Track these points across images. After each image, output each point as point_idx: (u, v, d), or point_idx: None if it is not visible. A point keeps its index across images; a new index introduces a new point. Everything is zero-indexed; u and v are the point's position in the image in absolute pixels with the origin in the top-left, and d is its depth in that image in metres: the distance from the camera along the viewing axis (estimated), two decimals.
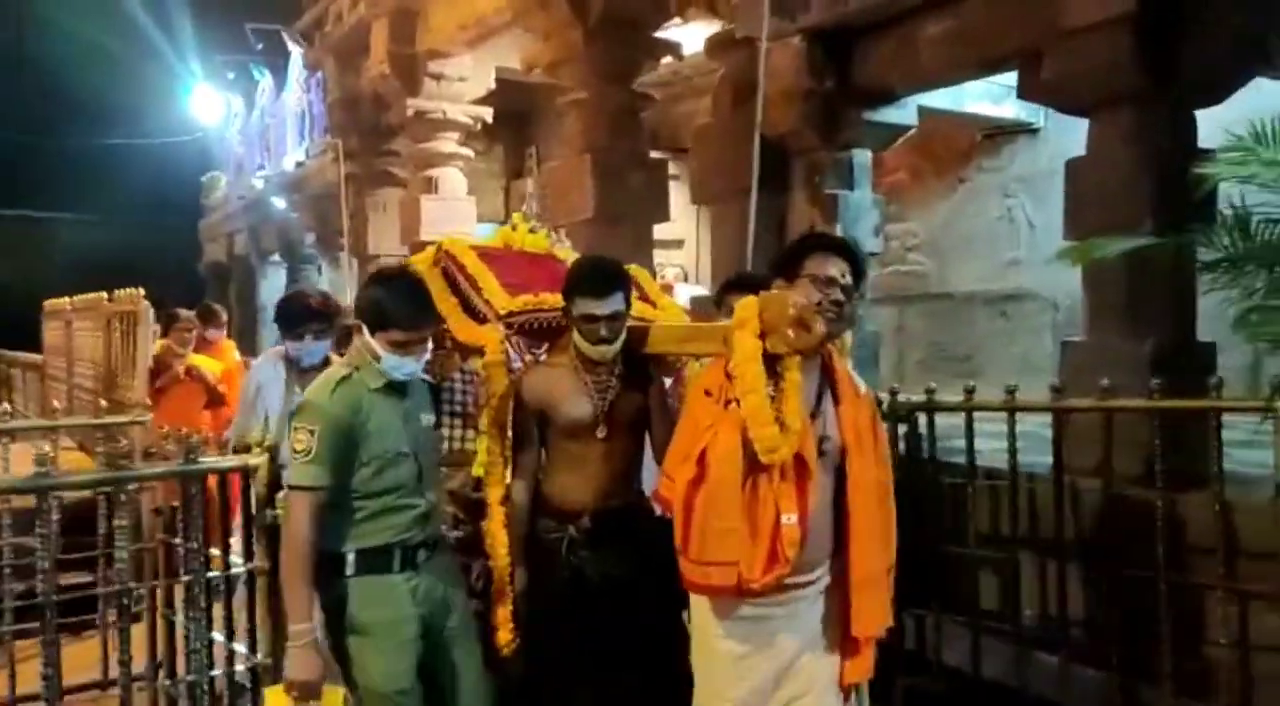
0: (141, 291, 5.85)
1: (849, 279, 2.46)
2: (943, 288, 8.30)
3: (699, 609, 2.51)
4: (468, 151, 10.90)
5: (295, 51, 13.93)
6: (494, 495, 3.00)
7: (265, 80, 16.49)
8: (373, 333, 2.70)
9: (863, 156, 5.73)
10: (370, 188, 11.92)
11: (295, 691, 2.59)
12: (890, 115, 5.63)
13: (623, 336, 2.90)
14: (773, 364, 2.37)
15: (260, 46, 15.74)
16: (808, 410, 2.40)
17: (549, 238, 3.72)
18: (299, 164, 14.58)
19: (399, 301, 2.70)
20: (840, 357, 2.70)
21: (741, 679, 2.43)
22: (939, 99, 5.98)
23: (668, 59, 7.73)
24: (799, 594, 2.43)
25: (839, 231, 5.53)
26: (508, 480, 2.99)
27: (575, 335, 2.88)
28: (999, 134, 8.04)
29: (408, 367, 2.75)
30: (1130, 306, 4.02)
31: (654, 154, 7.96)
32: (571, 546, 2.88)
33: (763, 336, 2.37)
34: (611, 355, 2.90)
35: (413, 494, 2.74)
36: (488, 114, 10.70)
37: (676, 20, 7.23)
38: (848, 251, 2.52)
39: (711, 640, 2.47)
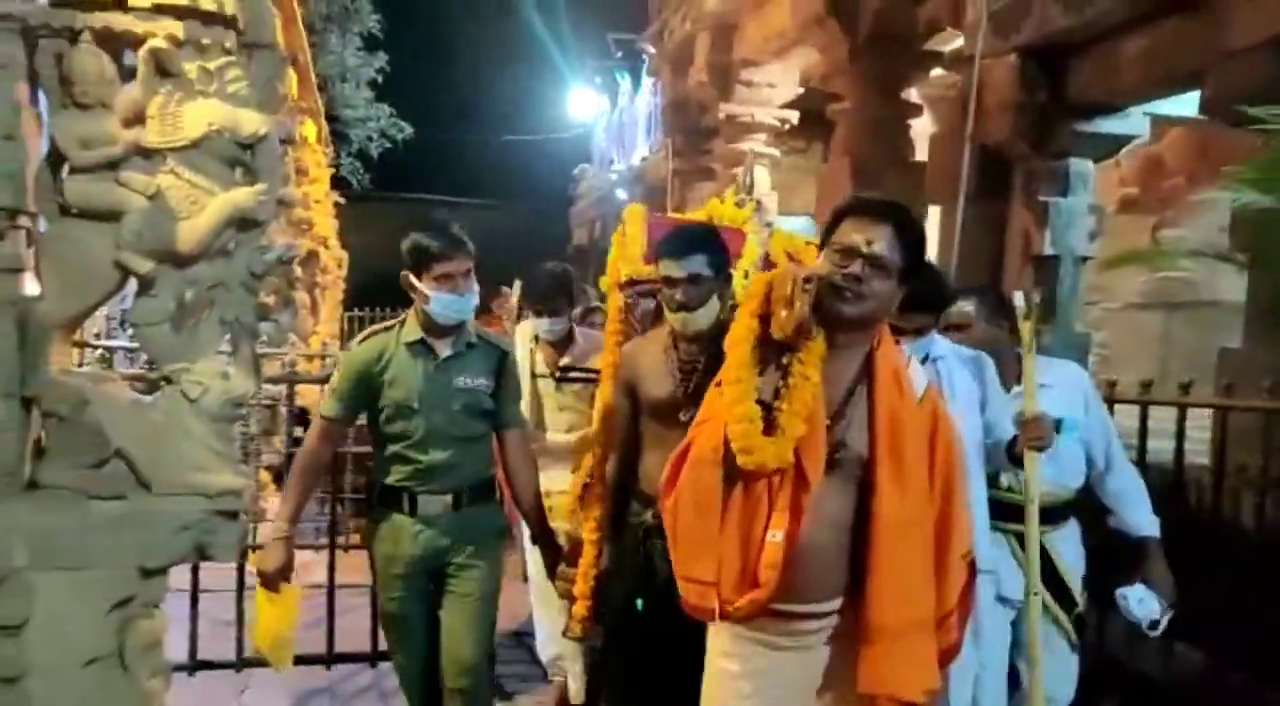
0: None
1: (881, 249, 1.99)
2: (1213, 295, 7.98)
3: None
4: (774, 151, 11.87)
5: (646, 58, 15.70)
6: (595, 470, 3.03)
7: (625, 83, 18.56)
8: (419, 276, 2.73)
9: (1081, 165, 5.98)
10: (693, 182, 13.32)
11: (259, 579, 2.81)
12: (1110, 125, 5.84)
13: (714, 308, 2.66)
14: (785, 351, 2.01)
15: (619, 54, 17.76)
16: (828, 411, 2.02)
17: (754, 213, 3.44)
18: (643, 159, 16.41)
19: (433, 236, 2.76)
20: (1028, 355, 2.66)
21: (739, 702, 2.10)
22: (1174, 107, 6.03)
23: (937, 70, 8.19)
24: (803, 626, 2.08)
25: (1049, 237, 5.88)
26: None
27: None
28: None
29: (457, 305, 2.75)
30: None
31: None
32: (647, 533, 2.73)
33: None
34: (694, 327, 2.66)
35: (418, 447, 2.78)
36: (794, 117, 11.60)
37: (949, 33, 7.71)
38: (889, 216, 2.02)
39: (715, 656, 2.17)
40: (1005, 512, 2.92)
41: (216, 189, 2.58)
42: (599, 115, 21.48)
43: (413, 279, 2.77)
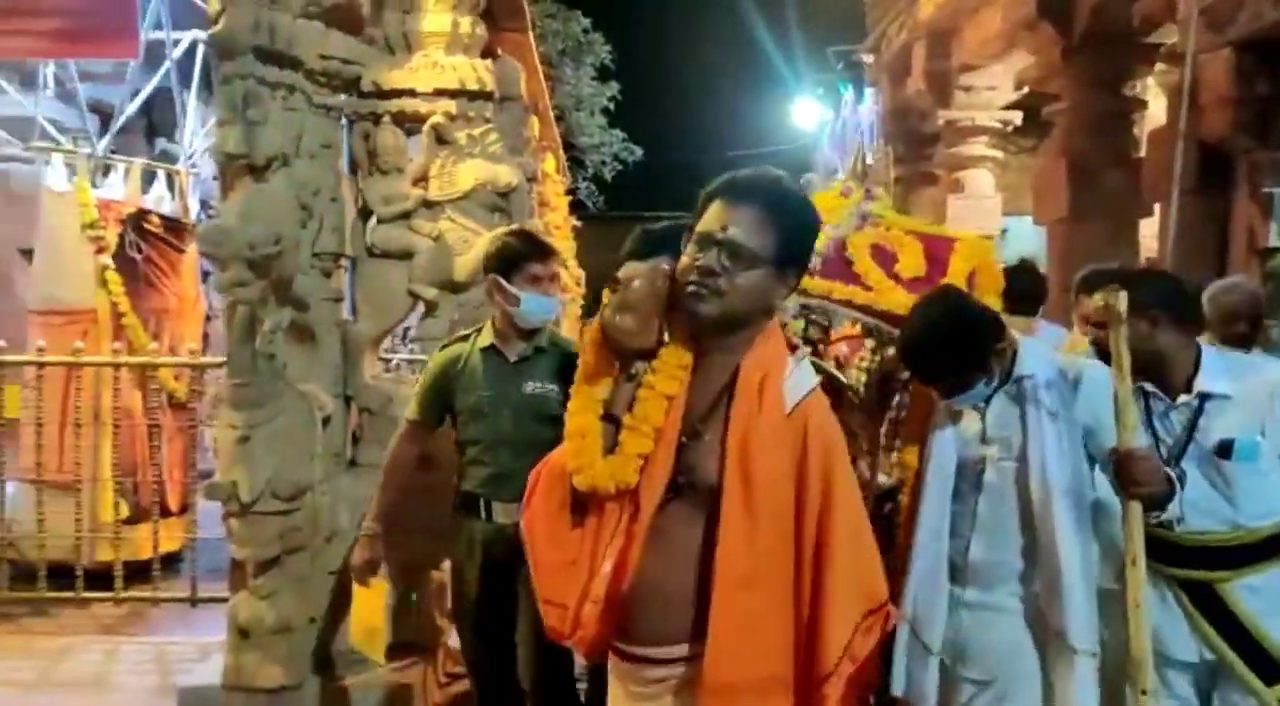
0: None
1: (739, 234, 1.66)
2: None
3: None
4: (997, 153, 11.75)
5: (865, 69, 15.85)
6: None
7: (847, 94, 18.70)
8: (509, 278, 2.71)
9: None
10: (916, 188, 13.37)
11: (353, 572, 2.90)
12: None
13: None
14: (641, 359, 1.79)
15: (840, 66, 17.95)
16: (686, 427, 1.73)
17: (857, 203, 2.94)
18: (866, 167, 16.52)
19: (522, 239, 2.80)
20: (1121, 378, 2.08)
21: None
22: None
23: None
24: (648, 672, 1.76)
25: (1274, 229, 5.73)
26: None
27: None
28: None
29: (545, 306, 2.75)
30: None
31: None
32: None
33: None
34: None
35: (489, 452, 2.76)
36: (1017, 118, 11.45)
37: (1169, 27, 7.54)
38: (754, 195, 1.70)
39: (609, 676, 1.89)
40: (1164, 553, 2.31)
41: (483, 230, 3.29)
42: (822, 126, 21.70)
43: (501, 281, 2.72)
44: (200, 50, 6.70)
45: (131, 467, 5.30)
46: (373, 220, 3.34)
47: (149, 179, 6.06)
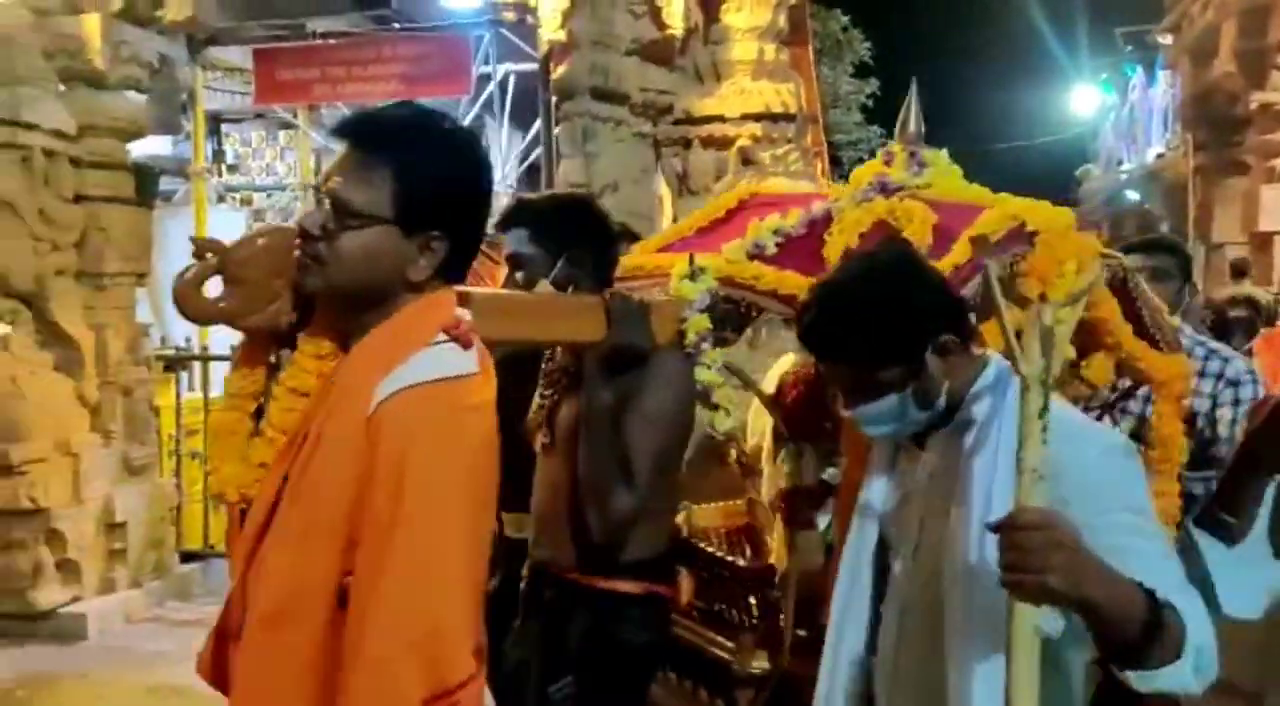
0: None
1: (340, 186, 1.33)
2: None
3: None
4: None
5: (1161, 51, 14.66)
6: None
7: (1136, 77, 17.37)
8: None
9: None
10: (1219, 178, 12.22)
11: None
12: None
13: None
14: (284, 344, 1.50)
15: (1129, 48, 16.69)
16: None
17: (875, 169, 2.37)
18: (1159, 156, 15.30)
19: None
20: (1028, 407, 1.27)
21: None
22: None
23: None
24: None
25: None
26: None
27: None
28: None
29: None
30: None
31: None
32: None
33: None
34: None
35: None
36: None
37: None
38: (359, 137, 1.36)
39: None
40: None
41: None
42: (1103, 112, 20.26)
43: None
44: (512, 81, 7.28)
45: None
46: None
47: None
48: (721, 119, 3.47)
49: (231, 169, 11.55)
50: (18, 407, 4.50)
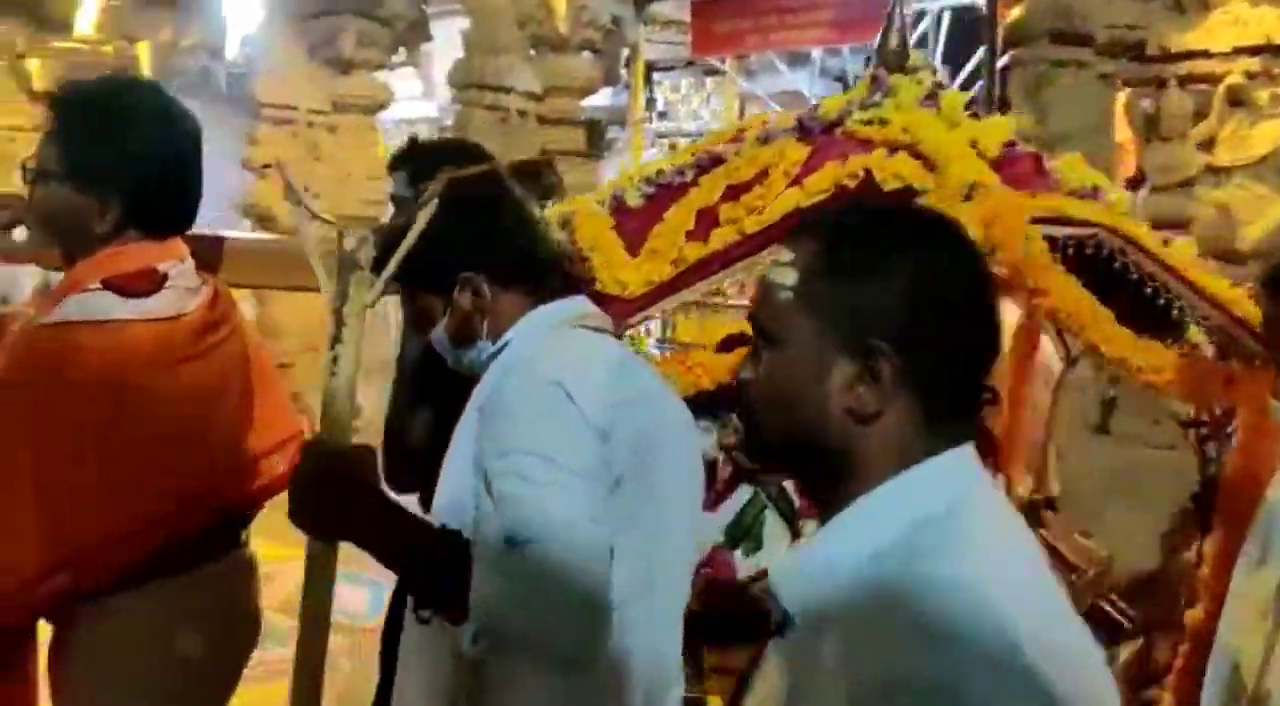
0: None
1: (40, 149, 1.52)
2: None
3: None
4: None
5: None
6: None
7: None
8: None
9: None
10: None
11: None
12: None
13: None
14: None
15: None
16: None
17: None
18: None
19: None
20: None
21: None
22: None
23: None
24: None
25: None
26: None
27: None
28: None
29: None
30: None
31: None
32: None
33: None
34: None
35: None
36: None
37: None
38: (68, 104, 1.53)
39: None
40: None
41: (1277, 197, 2.98)
42: None
43: None
44: (946, 18, 6.95)
45: None
46: (1146, 188, 3.25)
47: None
48: (1206, 54, 3.04)
49: (661, 116, 12.23)
50: None
